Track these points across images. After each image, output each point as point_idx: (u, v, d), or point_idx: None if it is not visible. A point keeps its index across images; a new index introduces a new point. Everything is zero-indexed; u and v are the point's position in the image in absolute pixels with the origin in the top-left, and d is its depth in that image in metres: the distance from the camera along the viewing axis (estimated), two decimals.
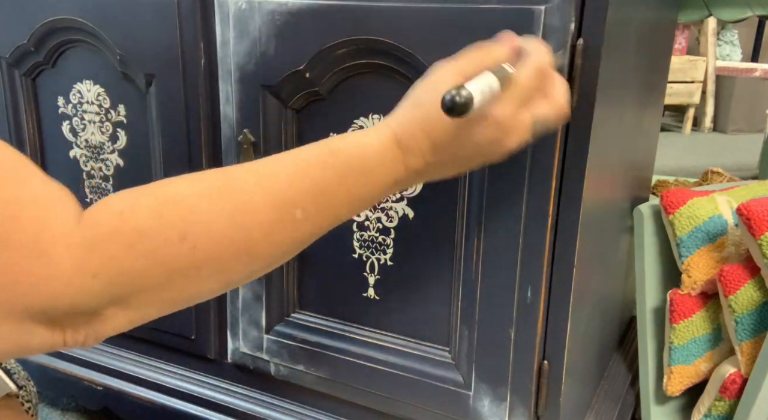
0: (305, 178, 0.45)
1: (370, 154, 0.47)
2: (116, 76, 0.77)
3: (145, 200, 0.40)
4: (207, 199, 0.41)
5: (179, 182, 0.42)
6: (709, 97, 3.59)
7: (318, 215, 0.45)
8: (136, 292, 0.40)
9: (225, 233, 0.41)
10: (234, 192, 0.42)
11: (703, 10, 1.34)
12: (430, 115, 0.47)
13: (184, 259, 0.40)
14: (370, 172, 0.47)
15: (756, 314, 0.72)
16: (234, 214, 0.41)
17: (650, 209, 0.82)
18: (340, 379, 0.73)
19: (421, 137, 0.48)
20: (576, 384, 0.71)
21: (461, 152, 0.49)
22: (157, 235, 0.39)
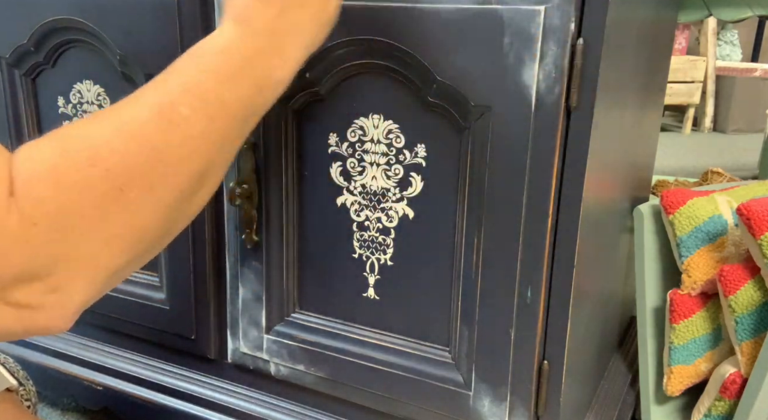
0: (171, 82, 0.46)
1: (217, 40, 0.49)
2: (116, 76, 0.77)
3: (46, 142, 0.42)
4: (97, 125, 0.43)
5: (72, 124, 0.44)
6: (709, 97, 3.59)
7: (202, 104, 0.46)
8: (78, 237, 0.40)
9: (127, 147, 0.42)
10: (119, 115, 0.44)
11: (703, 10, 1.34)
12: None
13: (103, 182, 0.41)
14: (226, 52, 0.48)
15: (756, 314, 0.72)
16: (127, 129, 0.43)
17: (650, 209, 0.82)
18: (340, 379, 0.73)
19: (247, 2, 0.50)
20: (576, 384, 0.71)
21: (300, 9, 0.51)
22: (69, 167, 0.40)
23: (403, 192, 0.66)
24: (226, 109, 0.48)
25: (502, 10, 0.56)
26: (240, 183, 0.71)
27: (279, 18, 0.51)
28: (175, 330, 0.82)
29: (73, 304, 0.41)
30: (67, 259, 0.40)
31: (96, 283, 0.42)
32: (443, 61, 0.59)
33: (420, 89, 0.62)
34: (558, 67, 0.55)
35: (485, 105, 0.59)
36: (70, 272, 0.40)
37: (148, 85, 0.47)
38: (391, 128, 0.64)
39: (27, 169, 0.40)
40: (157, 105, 0.45)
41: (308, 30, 0.53)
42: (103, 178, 0.41)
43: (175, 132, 0.44)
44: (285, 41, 0.51)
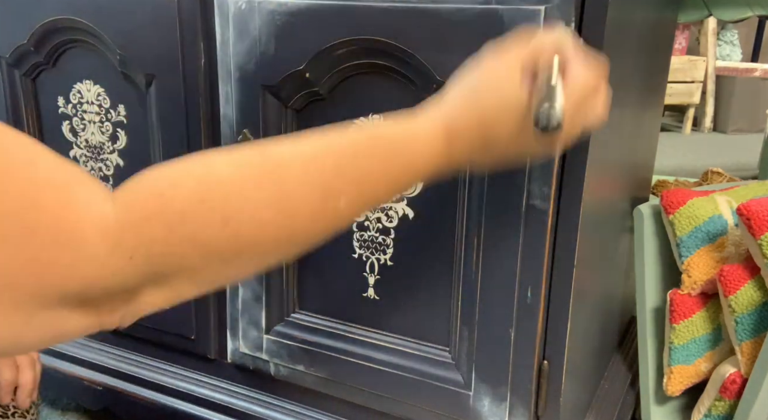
0: (352, 166, 0.44)
1: (418, 144, 0.46)
2: (116, 76, 0.77)
3: (188, 182, 0.39)
4: (251, 185, 0.40)
5: (220, 163, 0.41)
6: (709, 97, 3.59)
7: (359, 202, 0.45)
8: (173, 273, 0.39)
9: (269, 221, 0.40)
10: (279, 178, 0.41)
11: (703, 10, 1.34)
12: (487, 112, 0.47)
13: (226, 244, 0.39)
14: (414, 162, 0.46)
15: (756, 314, 0.72)
16: (280, 201, 0.41)
17: (650, 209, 0.82)
18: (340, 379, 0.73)
19: (474, 134, 0.47)
20: (576, 384, 0.71)
21: (511, 148, 0.49)
22: (199, 219, 0.38)
23: (403, 192, 0.66)
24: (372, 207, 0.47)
25: (502, 10, 0.56)
26: None
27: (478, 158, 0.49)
28: (175, 330, 0.82)
29: (145, 312, 0.41)
30: (154, 285, 0.39)
31: (170, 302, 0.41)
32: (443, 61, 0.59)
33: (420, 89, 0.62)
34: None
35: None
36: (153, 293, 0.39)
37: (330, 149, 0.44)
38: None
39: (151, 203, 0.38)
40: (325, 187, 0.42)
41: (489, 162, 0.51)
42: (227, 241, 0.39)
43: (321, 220, 0.43)
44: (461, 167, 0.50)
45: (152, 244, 0.37)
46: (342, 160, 0.44)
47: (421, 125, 0.47)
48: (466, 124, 0.47)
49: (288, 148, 0.43)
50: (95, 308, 0.38)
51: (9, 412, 0.71)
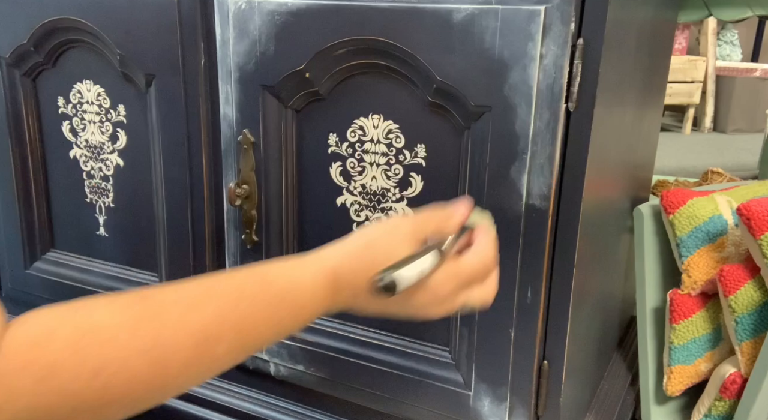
0: (234, 311, 0.43)
1: (303, 291, 0.47)
2: (116, 76, 0.77)
3: (63, 331, 0.37)
4: (127, 332, 0.39)
5: (101, 309, 0.40)
6: (709, 97, 3.59)
7: (240, 348, 0.44)
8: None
9: (140, 370, 0.39)
10: (156, 326, 0.40)
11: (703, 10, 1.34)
12: (375, 265, 0.47)
13: (95, 395, 0.38)
14: (300, 307, 0.47)
15: (756, 314, 0.72)
16: (152, 349, 0.39)
17: (650, 209, 0.82)
18: (340, 379, 0.73)
19: (361, 282, 0.48)
20: (576, 384, 0.71)
21: (390, 307, 0.49)
22: (70, 371, 0.37)
23: (403, 192, 0.66)
24: (259, 348, 0.46)
25: (502, 10, 0.56)
26: (240, 183, 0.71)
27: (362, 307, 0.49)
28: None
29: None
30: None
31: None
32: (443, 61, 0.59)
33: (420, 89, 0.62)
34: (558, 67, 0.55)
35: (485, 105, 0.59)
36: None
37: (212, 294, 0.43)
38: (391, 128, 0.64)
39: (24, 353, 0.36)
40: (202, 334, 0.41)
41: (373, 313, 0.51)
42: (96, 393, 0.37)
43: (197, 365, 0.42)
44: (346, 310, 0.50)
45: (20, 397, 0.36)
46: (226, 303, 0.43)
47: (309, 272, 0.48)
48: (353, 275, 0.48)
49: (171, 294, 0.42)
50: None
51: None
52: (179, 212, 0.77)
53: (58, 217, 0.89)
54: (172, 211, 0.78)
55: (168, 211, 0.78)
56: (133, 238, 0.83)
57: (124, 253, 0.84)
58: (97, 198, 0.84)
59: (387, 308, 0.50)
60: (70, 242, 0.88)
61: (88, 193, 0.84)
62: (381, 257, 0.47)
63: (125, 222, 0.83)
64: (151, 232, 0.81)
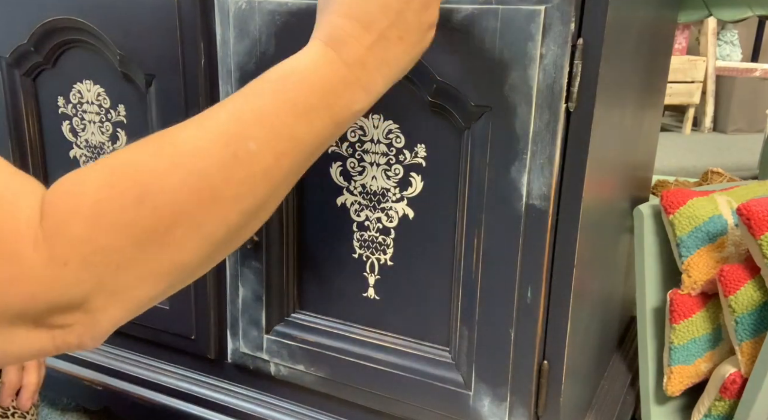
0: (245, 109, 0.42)
1: (302, 64, 0.45)
2: (116, 76, 0.77)
3: (93, 174, 0.38)
4: (153, 157, 0.39)
5: (125, 150, 0.40)
6: (709, 97, 3.59)
7: (274, 140, 0.42)
8: (113, 272, 0.37)
9: (182, 184, 0.39)
10: (179, 143, 0.40)
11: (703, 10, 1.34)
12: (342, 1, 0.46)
13: (149, 221, 0.38)
14: (308, 80, 0.45)
15: (756, 314, 0.72)
16: (184, 162, 0.39)
17: (650, 209, 0.82)
18: (340, 379, 0.73)
19: (343, 23, 0.46)
20: (576, 384, 0.71)
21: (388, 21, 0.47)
22: (114, 203, 0.37)
23: (403, 192, 0.66)
24: (298, 145, 0.44)
25: (502, 10, 0.56)
26: None
27: (373, 48, 0.47)
28: (175, 330, 0.82)
29: (105, 327, 0.39)
30: (101, 291, 0.37)
31: (129, 310, 0.40)
32: (443, 61, 0.59)
33: (420, 89, 0.62)
34: (558, 67, 0.55)
35: (485, 105, 0.59)
36: (104, 301, 0.38)
37: (221, 106, 0.43)
38: (391, 128, 0.64)
39: (65, 204, 0.37)
40: (224, 135, 0.41)
41: (401, 63, 0.49)
42: (150, 217, 0.38)
43: (238, 169, 0.41)
44: (374, 75, 0.47)
45: (80, 245, 0.36)
46: (234, 106, 0.43)
47: (300, 52, 0.47)
48: (331, 21, 0.47)
49: (188, 120, 0.43)
50: (46, 327, 0.37)
51: (9, 412, 0.71)
52: None
53: None
54: None
55: None
56: None
57: None
58: None
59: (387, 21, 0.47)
60: None
61: None
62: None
63: None
64: None
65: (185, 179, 0.39)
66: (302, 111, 0.44)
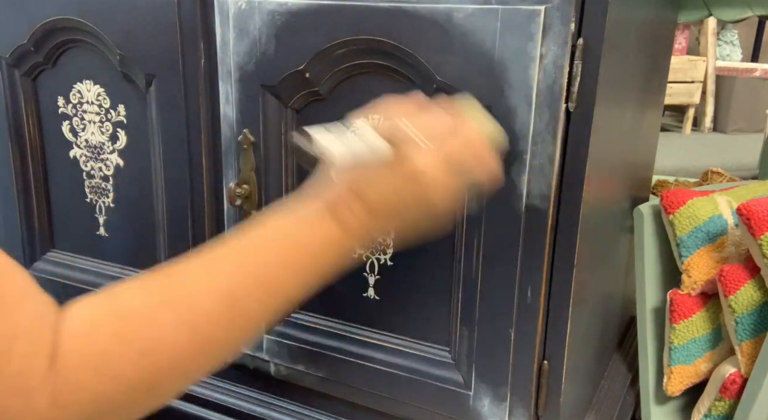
0: (253, 263, 0.45)
1: (301, 223, 0.48)
2: (116, 76, 0.77)
3: (105, 321, 0.39)
4: (162, 311, 0.41)
5: (133, 294, 0.42)
6: (709, 97, 3.59)
7: (268, 299, 0.45)
8: (102, 415, 0.39)
9: (182, 342, 0.41)
10: (186, 298, 0.42)
11: (703, 10, 1.33)
12: (352, 174, 0.48)
13: (147, 375, 0.40)
14: (305, 241, 0.47)
15: (756, 314, 0.72)
16: (188, 320, 0.41)
17: (650, 209, 0.82)
18: (340, 379, 0.73)
19: (348, 197, 0.48)
20: (576, 384, 0.71)
21: (391, 206, 0.49)
22: (120, 356, 0.39)
23: None
24: (286, 301, 0.46)
25: (502, 10, 0.56)
26: (240, 183, 0.71)
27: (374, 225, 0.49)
28: None
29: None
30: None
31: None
32: (443, 61, 0.59)
33: (420, 89, 0.62)
34: (558, 67, 0.55)
35: (485, 105, 0.59)
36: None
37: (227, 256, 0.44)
38: None
39: (78, 350, 0.38)
40: (231, 295, 0.43)
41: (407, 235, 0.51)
42: (149, 371, 0.39)
43: (235, 328, 0.43)
44: (366, 239, 0.50)
45: (82, 392, 0.37)
46: (243, 261, 0.45)
47: (301, 208, 0.48)
48: (338, 190, 0.49)
49: (192, 265, 0.44)
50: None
51: None
52: (179, 212, 0.77)
53: (58, 217, 0.89)
54: (172, 211, 0.78)
55: (168, 211, 0.78)
56: (133, 238, 0.83)
57: (124, 253, 0.84)
58: (97, 198, 0.84)
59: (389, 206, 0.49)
60: (70, 242, 0.88)
61: (88, 193, 0.84)
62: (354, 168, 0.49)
63: (125, 222, 0.83)
64: (151, 232, 0.81)
65: (188, 337, 0.41)
66: (299, 272, 0.47)
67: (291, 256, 0.46)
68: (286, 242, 0.47)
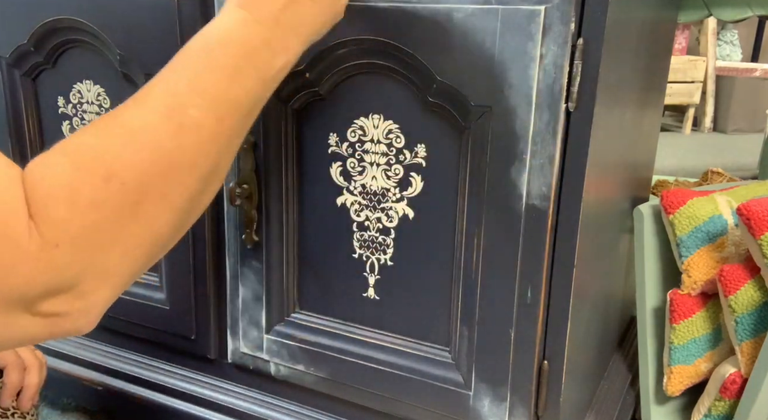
0: (178, 81, 0.46)
1: (221, 28, 0.49)
2: (116, 76, 0.77)
3: (58, 159, 0.41)
4: (107, 137, 0.42)
5: (78, 135, 0.43)
6: (709, 97, 3.59)
7: (212, 104, 0.46)
8: (99, 252, 0.40)
9: (140, 159, 0.42)
10: (126, 122, 0.43)
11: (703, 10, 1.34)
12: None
13: (119, 197, 0.41)
14: (229, 43, 0.48)
15: (756, 314, 0.72)
16: (137, 139, 0.42)
17: (650, 209, 0.82)
18: (340, 379, 0.73)
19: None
20: (576, 384, 0.71)
21: None
22: (84, 184, 0.40)
23: (403, 192, 0.66)
24: (234, 106, 0.47)
25: (502, 10, 0.56)
26: (240, 183, 0.71)
27: (286, 9, 0.50)
28: (175, 330, 0.82)
29: (97, 308, 0.42)
30: (90, 272, 0.40)
31: (117, 287, 0.43)
32: (443, 61, 0.59)
33: (420, 89, 0.62)
34: (558, 67, 0.55)
35: (485, 105, 0.59)
36: (94, 282, 0.41)
37: (154, 84, 0.46)
38: (391, 128, 0.64)
39: (42, 189, 0.39)
40: (166, 108, 0.44)
41: (314, 23, 0.53)
42: (119, 192, 0.41)
43: (186, 136, 0.44)
44: (289, 33, 0.51)
45: (65, 225, 0.39)
46: (166, 75, 0.46)
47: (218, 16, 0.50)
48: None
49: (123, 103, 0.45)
50: (42, 312, 0.39)
51: (8, 412, 0.71)
52: None
53: None
54: None
55: None
56: None
57: None
58: None
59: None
60: None
61: None
62: None
63: None
64: None
65: (142, 154, 0.42)
66: (231, 73, 0.47)
67: (216, 57, 0.47)
68: (208, 47, 0.48)
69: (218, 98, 0.46)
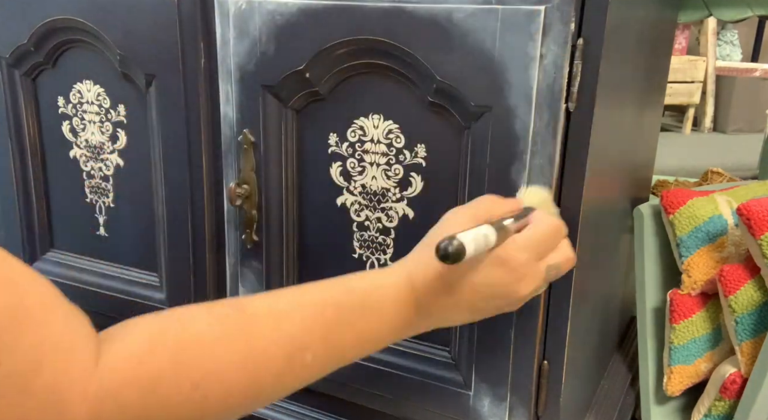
0: (320, 319, 0.45)
1: (385, 293, 0.48)
2: (116, 76, 0.77)
3: (164, 343, 0.39)
4: (224, 345, 0.41)
5: (199, 320, 0.41)
6: (709, 97, 3.59)
7: (326, 357, 0.45)
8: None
9: (236, 382, 0.41)
10: (250, 338, 0.42)
11: (703, 10, 1.33)
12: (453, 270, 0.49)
13: (194, 407, 0.39)
14: (382, 311, 0.47)
15: (756, 314, 0.72)
16: (247, 362, 0.41)
17: (650, 209, 0.82)
18: (340, 379, 0.73)
19: (432, 277, 0.48)
20: (576, 384, 0.71)
21: (474, 294, 0.50)
22: (172, 383, 0.38)
23: (403, 192, 0.66)
24: (339, 363, 0.47)
25: (502, 10, 0.56)
26: (240, 183, 0.71)
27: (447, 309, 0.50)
28: None
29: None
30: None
31: None
32: (443, 61, 0.59)
33: (420, 89, 0.62)
34: (558, 67, 0.55)
35: (485, 105, 0.59)
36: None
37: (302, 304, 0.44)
38: (391, 128, 0.64)
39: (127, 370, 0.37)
40: (293, 345, 0.43)
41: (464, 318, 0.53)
42: (196, 404, 0.39)
43: (288, 376, 0.43)
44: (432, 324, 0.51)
45: (126, 411, 0.37)
46: (312, 312, 0.45)
47: (389, 275, 0.49)
48: (425, 268, 0.49)
49: (262, 305, 0.44)
50: None
51: None
52: (179, 212, 0.77)
53: (58, 217, 0.89)
54: (172, 211, 0.78)
55: (168, 211, 0.78)
56: (133, 238, 0.83)
57: (124, 253, 0.84)
58: (97, 198, 0.84)
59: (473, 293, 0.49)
60: (70, 242, 0.88)
61: (88, 193, 0.84)
62: None
63: (125, 222, 0.83)
64: (151, 232, 0.81)
65: (241, 378, 0.41)
66: (363, 340, 0.47)
67: (364, 321, 0.46)
68: (359, 304, 0.47)
69: (335, 354, 0.46)
